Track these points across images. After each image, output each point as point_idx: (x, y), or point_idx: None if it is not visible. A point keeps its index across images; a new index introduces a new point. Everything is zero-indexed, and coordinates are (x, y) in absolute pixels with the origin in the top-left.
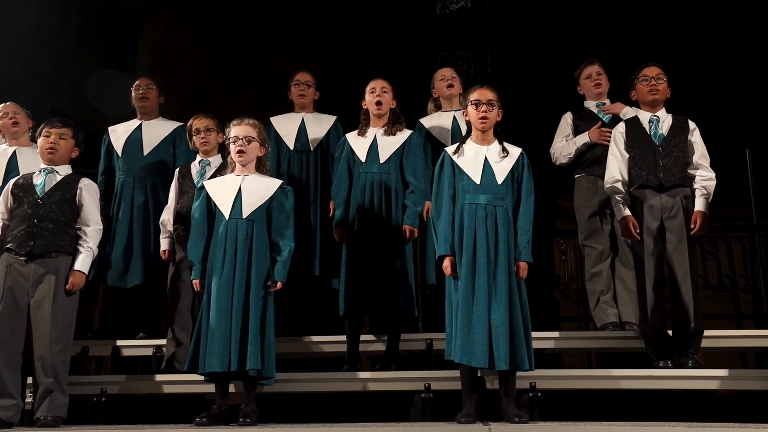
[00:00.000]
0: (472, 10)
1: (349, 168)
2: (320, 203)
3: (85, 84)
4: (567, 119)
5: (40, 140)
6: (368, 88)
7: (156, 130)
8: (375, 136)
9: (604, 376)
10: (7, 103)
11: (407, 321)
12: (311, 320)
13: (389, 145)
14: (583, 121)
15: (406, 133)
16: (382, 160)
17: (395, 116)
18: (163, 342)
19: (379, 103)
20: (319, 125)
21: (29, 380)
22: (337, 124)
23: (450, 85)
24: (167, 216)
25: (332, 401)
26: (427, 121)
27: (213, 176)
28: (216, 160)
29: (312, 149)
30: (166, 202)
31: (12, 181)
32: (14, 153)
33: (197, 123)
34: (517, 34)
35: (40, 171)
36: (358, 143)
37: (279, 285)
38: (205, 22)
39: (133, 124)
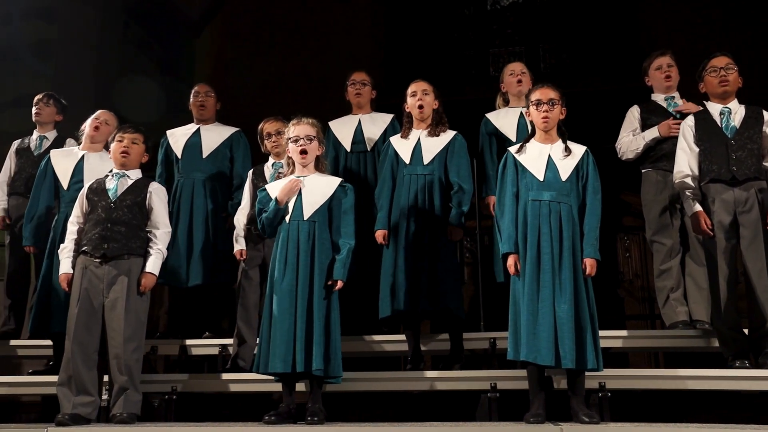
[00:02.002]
0: (524, 4)
1: (392, 170)
2: None
3: (144, 90)
4: (634, 113)
5: (113, 145)
6: (409, 91)
7: (214, 135)
8: (419, 138)
9: (676, 376)
10: (110, 112)
11: (463, 320)
12: (373, 319)
13: (433, 146)
14: (651, 114)
15: (449, 134)
16: (426, 162)
17: (438, 117)
18: (228, 341)
19: (420, 107)
20: (375, 125)
21: (105, 378)
22: (395, 123)
23: (519, 80)
24: (241, 216)
25: (392, 400)
26: (493, 116)
27: None
28: None
29: (369, 149)
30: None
31: (86, 186)
32: (82, 157)
33: (268, 126)
34: (571, 28)
35: (112, 175)
36: (402, 145)
37: (339, 284)
38: (260, 25)
39: (191, 128)
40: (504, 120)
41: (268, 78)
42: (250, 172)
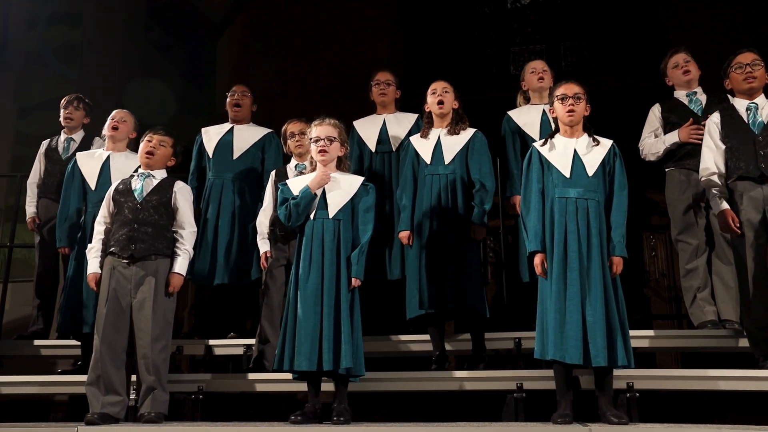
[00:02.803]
0: (544, 2)
1: (413, 171)
2: None
3: (167, 93)
4: (655, 112)
5: (141, 144)
6: (429, 90)
7: (247, 135)
8: (438, 137)
9: (706, 377)
10: (124, 110)
11: (486, 320)
12: (396, 319)
13: (453, 144)
14: (673, 112)
15: (470, 132)
16: (447, 161)
17: (458, 116)
18: (253, 341)
19: (441, 103)
20: (399, 125)
21: (132, 378)
22: (419, 122)
23: (540, 78)
24: (263, 218)
25: (413, 400)
26: (515, 114)
27: None
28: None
29: (393, 149)
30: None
31: (112, 186)
32: (108, 158)
33: (291, 127)
34: (592, 25)
35: (138, 175)
36: (422, 145)
37: (356, 282)
38: (280, 27)
39: (225, 127)
40: (526, 117)
41: (289, 79)
42: (273, 173)
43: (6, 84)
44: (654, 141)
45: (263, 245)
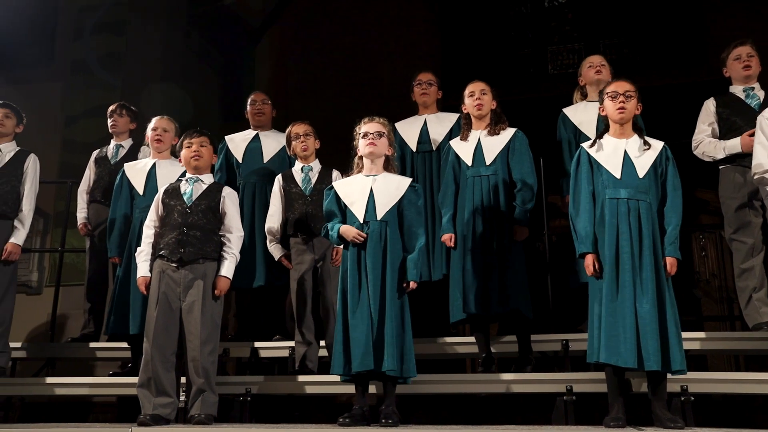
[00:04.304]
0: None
1: (455, 174)
2: None
3: (206, 99)
4: (709, 107)
5: (183, 152)
6: (467, 92)
7: (274, 140)
8: (479, 139)
9: (763, 380)
10: (163, 117)
11: (531, 322)
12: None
13: (494, 145)
14: (728, 108)
15: (510, 132)
16: (488, 162)
17: (497, 116)
18: None
19: (479, 105)
20: (441, 125)
21: (182, 380)
22: (460, 122)
23: (598, 71)
24: (272, 223)
25: (457, 403)
26: (571, 111)
27: (319, 181)
28: (316, 165)
29: (434, 149)
30: None
31: (161, 190)
32: (154, 165)
33: (296, 129)
34: (633, 21)
35: (186, 180)
36: (462, 147)
37: (413, 285)
38: (318, 30)
39: (250, 134)
40: (583, 115)
41: (327, 83)
42: (279, 176)
43: (54, 93)
44: (713, 145)
45: (276, 251)
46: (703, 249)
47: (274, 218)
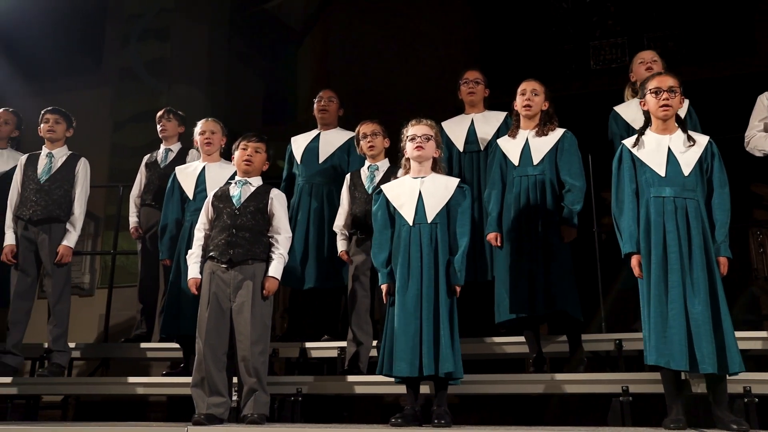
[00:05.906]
0: None
1: (501, 172)
2: None
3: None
4: (763, 101)
5: (237, 153)
6: (519, 90)
7: (332, 140)
8: (527, 138)
9: None
10: (209, 119)
11: (581, 322)
12: (486, 321)
13: (542, 145)
14: None
15: (558, 132)
16: (536, 162)
17: (547, 116)
18: (345, 344)
19: (527, 106)
20: (488, 124)
21: (233, 380)
22: (508, 120)
23: (649, 68)
24: (341, 221)
25: (507, 403)
26: (622, 109)
27: (382, 181)
28: (383, 165)
29: (482, 149)
30: None
31: (211, 193)
32: (203, 168)
33: (364, 128)
34: (677, 14)
35: (235, 182)
36: (510, 146)
37: (458, 289)
38: (358, 33)
39: (313, 134)
40: (636, 113)
41: (368, 84)
42: (348, 176)
43: (102, 99)
44: (764, 139)
45: (341, 245)
46: (761, 245)
47: (341, 216)
